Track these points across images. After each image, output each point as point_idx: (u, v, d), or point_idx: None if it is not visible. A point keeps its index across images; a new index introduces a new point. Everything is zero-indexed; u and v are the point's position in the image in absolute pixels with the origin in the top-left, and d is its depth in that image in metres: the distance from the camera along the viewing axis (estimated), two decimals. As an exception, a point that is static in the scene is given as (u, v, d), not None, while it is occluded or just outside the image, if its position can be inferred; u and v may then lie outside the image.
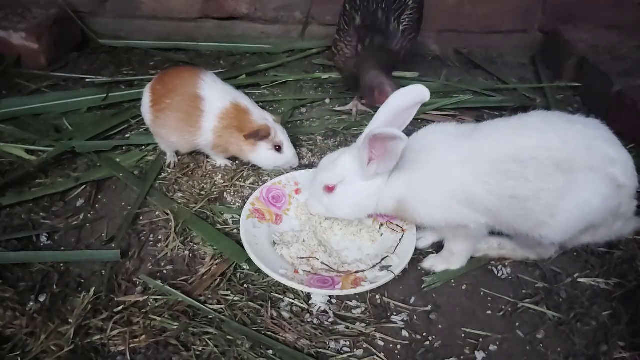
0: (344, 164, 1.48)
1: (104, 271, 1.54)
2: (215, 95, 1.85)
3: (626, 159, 1.37)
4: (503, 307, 1.45)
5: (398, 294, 1.49)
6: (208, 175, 1.97)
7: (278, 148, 1.86)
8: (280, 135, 1.85)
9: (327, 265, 1.50)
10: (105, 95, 2.43)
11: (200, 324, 1.37)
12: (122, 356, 1.29)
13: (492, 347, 1.34)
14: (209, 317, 1.39)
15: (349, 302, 1.46)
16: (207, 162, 2.04)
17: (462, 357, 1.32)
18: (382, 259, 1.49)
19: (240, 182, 1.93)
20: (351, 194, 1.49)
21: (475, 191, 1.35)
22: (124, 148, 2.12)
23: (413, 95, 1.44)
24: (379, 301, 1.47)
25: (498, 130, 1.42)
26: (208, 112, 1.84)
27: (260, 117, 1.85)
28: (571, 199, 1.32)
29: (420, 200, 1.43)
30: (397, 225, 1.62)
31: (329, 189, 1.50)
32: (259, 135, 1.81)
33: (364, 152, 1.39)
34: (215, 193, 1.87)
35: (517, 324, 1.40)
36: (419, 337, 1.37)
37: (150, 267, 1.57)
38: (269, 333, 1.35)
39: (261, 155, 1.86)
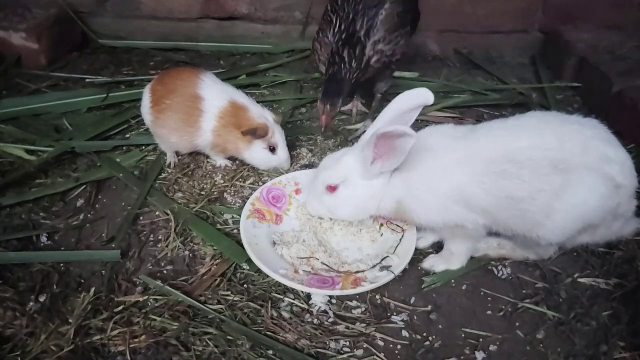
0: (347, 163, 1.47)
1: (104, 271, 1.54)
2: (214, 95, 1.85)
3: (624, 159, 1.37)
4: (503, 307, 1.45)
5: (398, 294, 1.49)
6: (208, 175, 1.97)
7: (272, 149, 1.86)
8: (277, 136, 1.85)
9: (327, 265, 1.50)
10: (105, 95, 2.43)
11: (200, 324, 1.37)
12: (122, 356, 1.29)
13: (492, 347, 1.34)
14: (209, 317, 1.39)
15: (349, 302, 1.46)
16: (207, 162, 2.04)
17: (462, 357, 1.32)
18: (382, 259, 1.49)
19: (240, 182, 1.93)
20: (353, 194, 1.48)
21: (471, 191, 1.36)
22: (124, 148, 2.12)
23: (417, 98, 1.44)
24: (379, 301, 1.47)
25: (494, 130, 1.42)
26: (207, 112, 1.84)
27: (260, 114, 1.85)
28: (567, 199, 1.32)
29: (418, 201, 1.43)
30: (397, 225, 1.62)
31: (331, 189, 1.49)
32: (257, 133, 1.81)
33: (368, 151, 1.39)
34: (215, 193, 1.87)
35: (517, 324, 1.40)
36: (419, 337, 1.37)
37: (150, 267, 1.57)
38: (269, 333, 1.35)
39: (255, 153, 1.87)
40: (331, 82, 1.90)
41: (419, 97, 1.44)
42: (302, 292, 1.46)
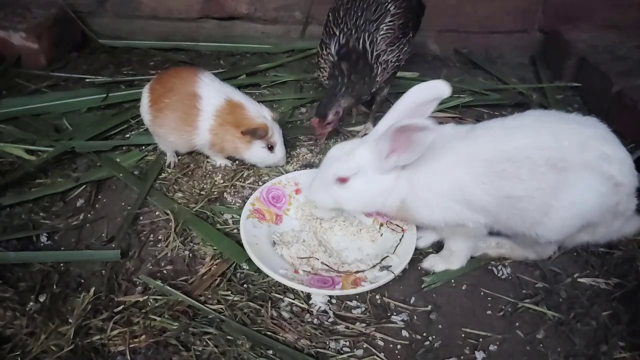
0: (361, 155, 1.44)
1: (104, 271, 1.54)
2: (212, 93, 1.85)
3: (623, 157, 1.37)
4: (503, 307, 1.45)
5: (398, 294, 1.49)
6: (208, 175, 1.97)
7: (271, 147, 1.87)
8: (276, 135, 1.86)
9: (327, 265, 1.50)
10: (105, 95, 2.43)
11: (200, 324, 1.37)
12: (122, 356, 1.29)
13: (492, 347, 1.34)
14: (209, 317, 1.39)
15: (349, 302, 1.46)
16: (207, 162, 2.04)
17: (462, 357, 1.32)
18: (382, 259, 1.49)
19: (240, 182, 1.93)
20: (364, 187, 1.45)
21: (472, 191, 1.36)
22: (124, 148, 2.12)
23: (432, 90, 1.40)
24: (379, 301, 1.47)
25: (493, 130, 1.42)
26: (205, 110, 1.84)
27: (258, 113, 1.85)
28: (565, 197, 1.32)
29: (420, 201, 1.43)
30: (397, 225, 1.62)
31: (342, 180, 1.46)
32: (257, 134, 1.81)
33: (384, 144, 1.36)
34: (215, 193, 1.87)
35: (517, 324, 1.40)
36: (419, 337, 1.37)
37: (150, 267, 1.57)
38: (269, 333, 1.36)
39: (254, 152, 1.87)
40: (325, 96, 1.92)
41: (435, 89, 1.40)
42: (302, 292, 1.46)
